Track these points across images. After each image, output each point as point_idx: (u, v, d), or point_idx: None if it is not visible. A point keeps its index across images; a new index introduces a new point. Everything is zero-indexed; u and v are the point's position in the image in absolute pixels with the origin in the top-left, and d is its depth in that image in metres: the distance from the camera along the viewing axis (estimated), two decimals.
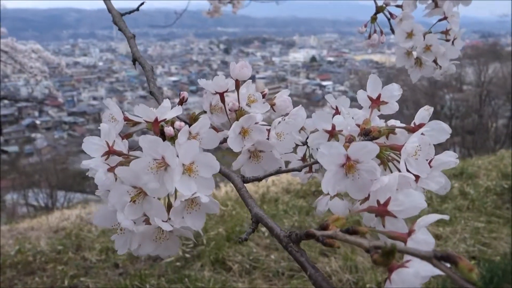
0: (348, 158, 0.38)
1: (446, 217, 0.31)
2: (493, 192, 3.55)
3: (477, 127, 14.51)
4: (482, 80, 15.18)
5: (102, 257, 2.76)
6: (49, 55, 9.00)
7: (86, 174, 0.44)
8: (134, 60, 0.72)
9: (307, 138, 0.59)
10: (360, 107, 0.55)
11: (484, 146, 13.34)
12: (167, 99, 0.47)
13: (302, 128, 0.59)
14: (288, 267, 2.48)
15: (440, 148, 0.44)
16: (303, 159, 0.62)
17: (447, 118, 14.77)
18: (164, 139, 0.48)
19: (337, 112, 0.60)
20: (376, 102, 0.49)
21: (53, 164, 18.01)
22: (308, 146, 0.62)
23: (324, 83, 40.24)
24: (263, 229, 3.03)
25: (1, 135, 4.56)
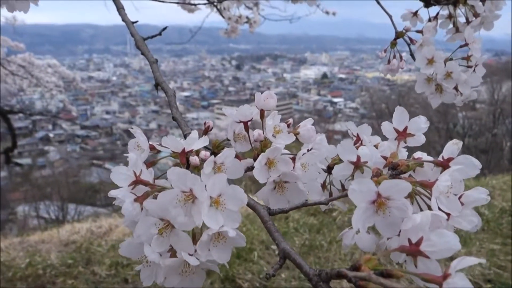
0: (379, 195, 0.38)
1: (483, 260, 0.30)
2: (508, 213, 3.48)
3: (491, 146, 14.33)
4: (495, 98, 15.06)
5: (112, 271, 2.76)
6: (65, 70, 9.13)
7: (113, 203, 0.44)
8: (157, 85, 0.73)
9: (328, 165, 0.59)
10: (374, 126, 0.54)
11: (498, 165, 13.15)
12: (195, 130, 0.47)
13: None
14: (299, 286, 2.45)
15: None
16: (323, 186, 0.62)
17: (460, 136, 14.63)
18: (188, 168, 0.48)
19: (358, 139, 0.60)
20: (403, 135, 0.49)
21: (65, 177, 18.15)
22: (328, 173, 0.62)
23: (335, 99, 40.24)
24: (273, 246, 3.01)
25: (15, 148, 4.65)
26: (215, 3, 1.51)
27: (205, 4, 1.57)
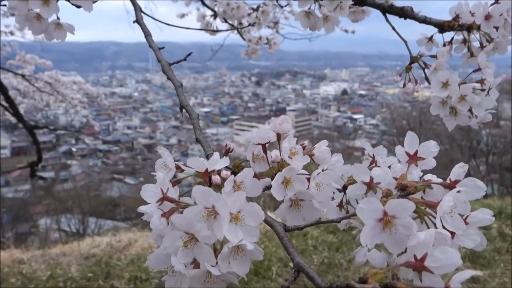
0: (385, 214, 0.41)
1: (479, 273, 0.33)
2: None
3: None
4: None
5: (131, 286, 2.80)
6: (89, 87, 9.33)
7: (142, 218, 0.48)
8: (182, 108, 0.78)
9: (343, 185, 0.62)
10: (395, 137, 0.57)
11: None
12: (217, 152, 0.51)
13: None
14: None
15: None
16: (340, 205, 0.65)
17: (483, 154, 14.37)
18: (210, 186, 0.52)
19: (373, 160, 0.63)
20: (414, 158, 0.52)
21: (86, 191, 18.39)
22: (345, 193, 0.65)
23: (355, 116, 39.99)
24: (292, 264, 3.02)
25: (40, 162, 4.79)
26: (238, 29, 1.56)
27: (228, 30, 1.62)
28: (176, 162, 0.53)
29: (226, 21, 1.76)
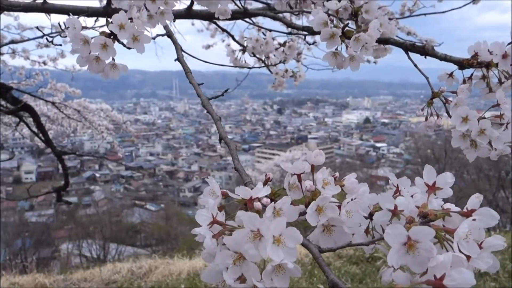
0: (409, 238, 0.47)
1: None
2: None
3: None
4: None
5: None
6: (116, 114, 9.58)
7: (195, 239, 0.55)
8: (221, 139, 0.86)
9: (370, 212, 0.68)
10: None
11: None
12: (260, 182, 0.59)
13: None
14: None
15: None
16: (367, 231, 0.71)
17: None
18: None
19: (397, 189, 0.69)
20: (432, 189, 0.58)
21: (108, 216, 18.56)
22: (371, 220, 0.71)
23: (378, 144, 39.66)
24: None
25: (67, 187, 4.91)
26: (268, 66, 1.66)
27: (260, 67, 1.72)
28: (222, 190, 0.61)
29: (254, 56, 1.85)
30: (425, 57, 1.06)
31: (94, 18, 1.31)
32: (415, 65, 1.06)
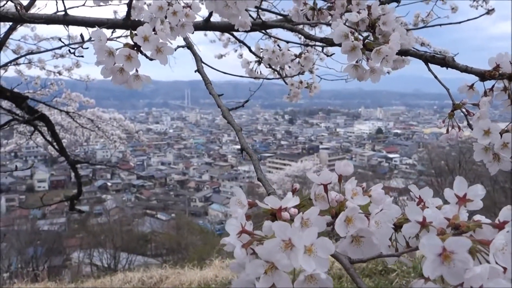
0: (444, 249, 0.47)
1: None
2: None
3: None
4: None
5: None
6: (129, 124, 9.66)
7: (223, 248, 0.56)
8: (242, 150, 0.86)
9: (394, 223, 0.68)
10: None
11: None
12: (290, 192, 0.59)
13: None
14: None
15: None
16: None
17: None
18: (275, 220, 0.59)
19: (420, 201, 0.69)
20: (463, 200, 0.58)
21: (119, 226, 18.62)
22: (395, 231, 0.71)
23: (390, 155, 39.39)
24: None
25: (80, 196, 4.97)
26: (283, 78, 1.67)
27: (277, 79, 1.73)
28: (249, 200, 0.61)
29: (270, 67, 1.86)
30: (446, 68, 1.06)
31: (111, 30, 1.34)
32: (436, 77, 1.06)
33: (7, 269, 10.71)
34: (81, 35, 1.59)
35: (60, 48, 3.40)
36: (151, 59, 0.91)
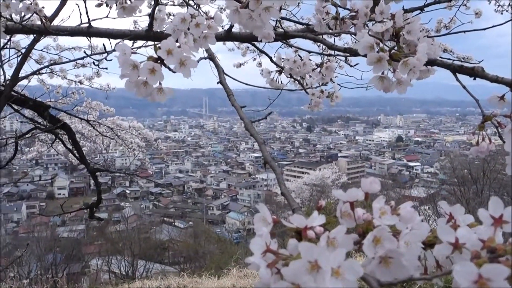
0: (480, 276, 0.44)
1: None
2: None
3: None
4: None
5: None
6: (148, 132, 9.74)
7: (248, 267, 0.54)
8: (265, 163, 0.85)
9: (423, 241, 0.66)
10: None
11: None
12: (316, 211, 0.57)
13: None
14: None
15: None
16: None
17: None
18: (300, 239, 0.57)
19: (450, 218, 0.66)
20: (498, 222, 0.55)
21: (137, 233, 18.74)
22: (424, 250, 0.68)
23: (411, 163, 38.82)
24: None
25: (100, 204, 5.02)
26: (305, 89, 1.65)
27: (300, 90, 1.72)
28: (274, 217, 0.60)
29: (291, 77, 1.85)
30: (475, 79, 1.03)
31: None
32: (464, 87, 1.03)
33: (27, 275, 10.85)
34: (104, 46, 1.61)
35: (82, 58, 3.45)
36: (174, 72, 0.91)
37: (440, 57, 1.29)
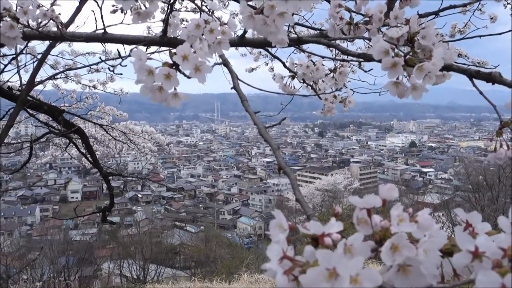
0: (504, 286, 0.43)
1: None
2: None
3: None
4: None
5: None
6: (160, 137, 9.79)
7: (264, 274, 0.54)
8: (280, 169, 0.84)
9: (440, 249, 0.65)
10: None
11: None
12: (334, 217, 0.57)
13: None
14: None
15: None
16: None
17: None
18: (317, 245, 0.57)
19: (467, 226, 0.65)
20: None
21: (149, 237, 18.82)
22: (442, 258, 0.67)
23: (425, 169, 38.42)
24: None
25: (112, 207, 5.06)
26: (319, 95, 1.65)
27: (314, 95, 1.71)
28: (290, 223, 0.59)
29: (304, 82, 1.84)
30: (493, 84, 1.02)
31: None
32: (481, 93, 1.02)
33: (39, 278, 10.95)
34: (118, 52, 1.62)
35: (97, 64, 3.48)
36: (188, 77, 0.91)
37: (455, 62, 1.28)
